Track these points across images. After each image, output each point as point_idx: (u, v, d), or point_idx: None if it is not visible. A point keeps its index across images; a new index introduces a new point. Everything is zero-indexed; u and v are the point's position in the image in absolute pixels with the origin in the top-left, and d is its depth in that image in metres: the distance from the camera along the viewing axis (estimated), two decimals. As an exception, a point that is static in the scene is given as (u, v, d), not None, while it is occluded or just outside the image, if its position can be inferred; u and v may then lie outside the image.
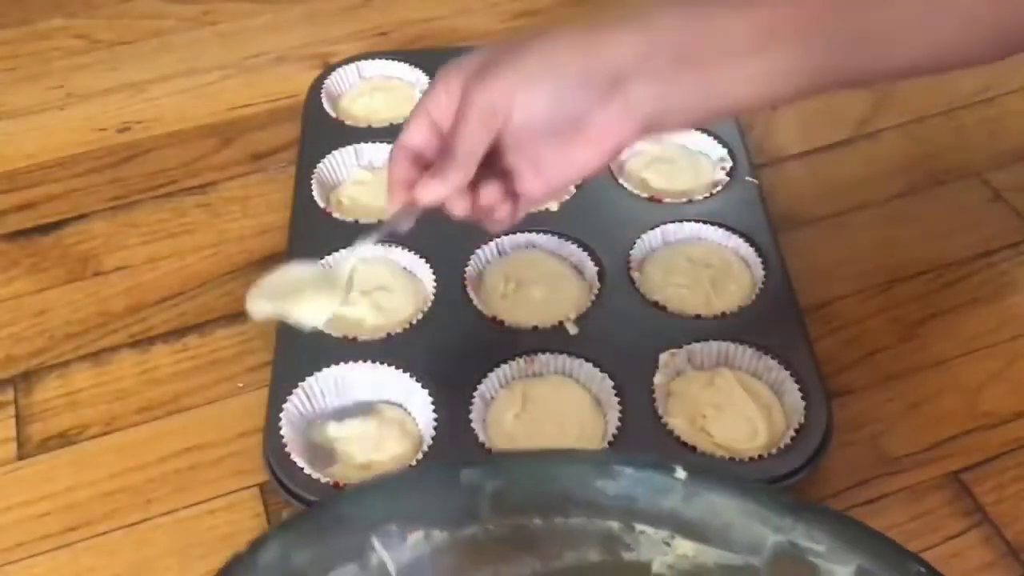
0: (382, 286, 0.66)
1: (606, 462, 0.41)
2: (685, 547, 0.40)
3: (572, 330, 0.63)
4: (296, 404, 0.59)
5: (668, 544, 0.40)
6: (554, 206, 0.70)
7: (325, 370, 0.60)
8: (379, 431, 0.59)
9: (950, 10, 0.47)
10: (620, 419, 0.58)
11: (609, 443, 0.57)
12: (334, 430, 0.59)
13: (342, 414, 0.60)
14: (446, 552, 0.41)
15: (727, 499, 0.39)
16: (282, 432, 0.58)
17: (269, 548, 0.39)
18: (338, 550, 0.40)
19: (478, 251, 0.67)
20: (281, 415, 0.58)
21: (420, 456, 0.57)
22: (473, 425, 0.58)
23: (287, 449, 0.57)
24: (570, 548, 0.41)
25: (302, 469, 0.56)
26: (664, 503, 0.40)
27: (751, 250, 0.67)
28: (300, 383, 0.60)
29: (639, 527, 0.40)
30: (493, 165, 0.51)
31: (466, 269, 0.66)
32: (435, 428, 0.58)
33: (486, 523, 0.41)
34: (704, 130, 0.75)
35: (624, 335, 0.63)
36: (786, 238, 0.69)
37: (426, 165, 0.52)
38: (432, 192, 0.51)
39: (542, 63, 0.49)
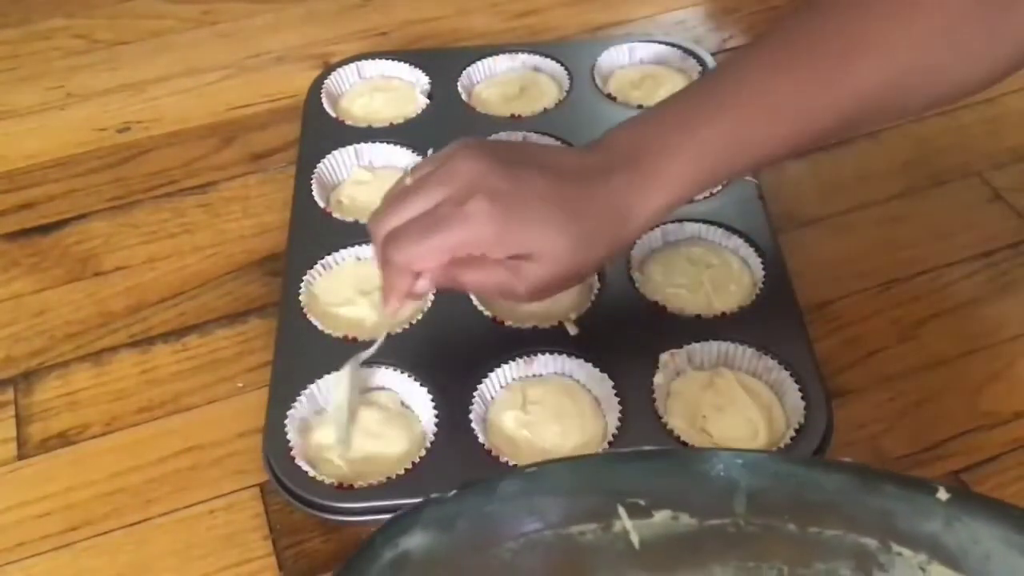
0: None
1: (869, 475, 0.39)
2: (941, 573, 0.38)
3: (572, 330, 0.63)
4: (298, 408, 0.59)
5: (924, 570, 0.38)
6: None
7: (326, 376, 0.60)
8: (382, 426, 0.59)
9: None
10: (620, 419, 0.58)
11: (609, 443, 0.57)
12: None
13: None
14: (691, 537, 0.40)
15: (990, 527, 0.37)
16: (286, 435, 0.58)
17: (512, 483, 0.39)
18: (582, 508, 0.40)
19: (478, 251, 0.67)
20: (285, 421, 0.58)
21: (422, 454, 0.57)
22: (473, 425, 0.58)
23: (288, 449, 0.57)
24: (820, 559, 0.40)
25: (302, 469, 0.56)
26: (924, 525, 0.38)
27: (751, 250, 0.67)
28: (302, 389, 0.60)
29: (896, 547, 0.39)
30: None
31: (466, 269, 0.66)
32: (435, 428, 0.58)
33: (737, 519, 0.40)
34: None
35: (624, 335, 0.63)
36: (786, 238, 0.69)
37: None
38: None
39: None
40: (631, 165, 0.54)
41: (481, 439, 0.57)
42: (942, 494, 0.38)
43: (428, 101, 0.81)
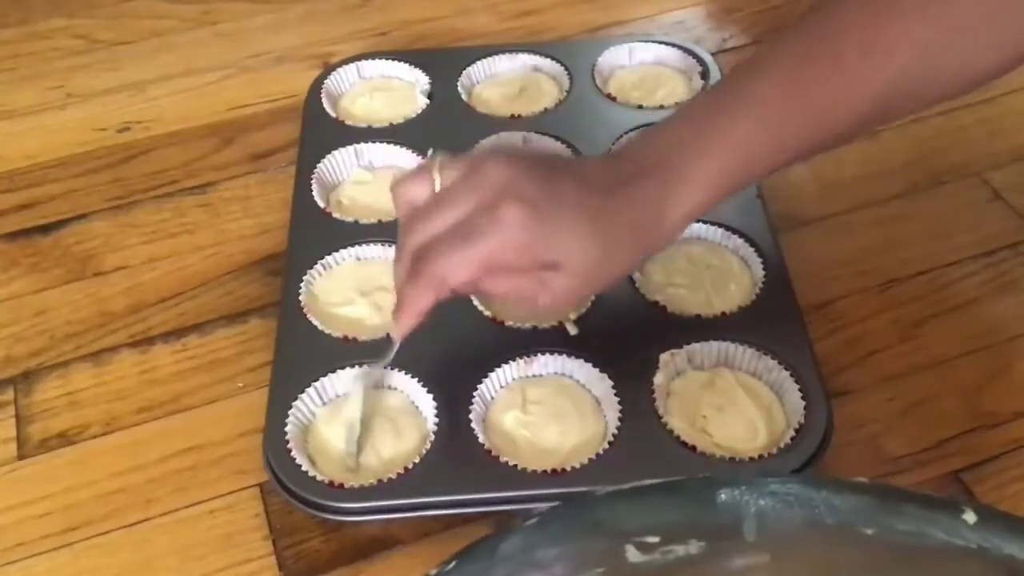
0: (382, 286, 0.66)
1: (886, 495, 0.38)
2: None
3: (572, 330, 0.63)
4: (298, 408, 0.59)
5: None
6: None
7: (323, 379, 0.61)
8: (389, 426, 0.59)
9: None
10: (620, 419, 0.58)
11: (609, 443, 0.57)
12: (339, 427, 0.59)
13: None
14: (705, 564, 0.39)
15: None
16: (286, 435, 0.58)
17: (511, 540, 0.38)
18: (588, 553, 0.39)
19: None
20: (286, 421, 0.58)
21: (422, 453, 0.57)
22: (473, 425, 0.58)
23: (288, 449, 0.57)
24: None
25: (302, 469, 0.56)
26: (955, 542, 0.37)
27: (751, 250, 0.67)
28: (302, 389, 0.60)
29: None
30: None
31: (466, 269, 0.66)
32: (435, 428, 0.58)
33: (750, 545, 0.39)
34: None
35: (624, 335, 0.63)
36: (786, 238, 0.69)
37: None
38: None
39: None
40: (661, 169, 0.54)
41: (481, 439, 0.57)
42: (969, 516, 0.37)
43: (428, 101, 0.81)
